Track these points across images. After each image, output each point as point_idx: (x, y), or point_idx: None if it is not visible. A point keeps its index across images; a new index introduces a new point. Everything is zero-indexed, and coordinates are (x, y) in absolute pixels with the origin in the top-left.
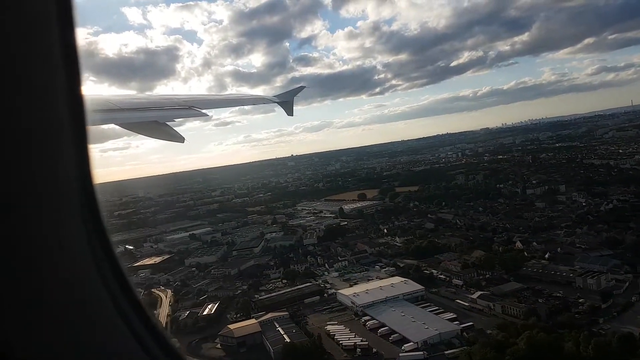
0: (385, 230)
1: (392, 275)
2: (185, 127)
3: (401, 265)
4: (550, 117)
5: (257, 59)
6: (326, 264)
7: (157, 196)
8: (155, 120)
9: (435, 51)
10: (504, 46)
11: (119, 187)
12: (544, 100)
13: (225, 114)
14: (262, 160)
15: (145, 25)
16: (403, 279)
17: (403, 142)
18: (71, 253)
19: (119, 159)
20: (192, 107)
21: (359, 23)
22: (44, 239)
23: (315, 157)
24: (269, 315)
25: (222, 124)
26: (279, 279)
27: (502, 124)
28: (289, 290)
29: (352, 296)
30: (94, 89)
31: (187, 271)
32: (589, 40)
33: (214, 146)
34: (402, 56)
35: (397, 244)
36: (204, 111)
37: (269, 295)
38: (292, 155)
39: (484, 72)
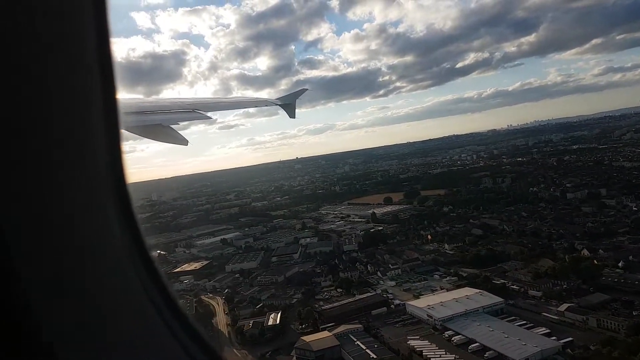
0: (429, 237)
1: (459, 286)
2: (190, 130)
3: (464, 274)
4: (557, 118)
5: (262, 63)
6: (378, 272)
7: (171, 200)
8: (159, 124)
9: (441, 53)
10: (510, 47)
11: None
12: (549, 101)
13: (229, 117)
14: (267, 163)
15: (154, 30)
16: (477, 290)
17: (409, 144)
18: (106, 250)
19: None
20: (196, 110)
21: (366, 25)
22: (81, 237)
23: (321, 159)
24: (342, 327)
25: (226, 127)
26: (331, 287)
27: (508, 125)
28: (352, 300)
29: (426, 309)
30: None
31: (230, 277)
32: (596, 41)
33: (217, 149)
34: (408, 58)
35: (448, 251)
36: (207, 114)
37: (332, 305)
38: (296, 157)
39: (489, 74)
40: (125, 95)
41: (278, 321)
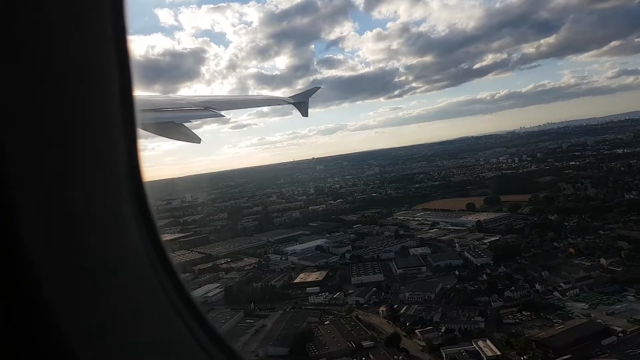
0: (571, 250)
1: None
2: (202, 129)
3: None
4: (570, 120)
5: (282, 62)
6: (555, 292)
7: (208, 200)
8: (172, 121)
9: (461, 53)
10: (529, 49)
11: (150, 190)
12: (560, 103)
13: (242, 116)
14: (281, 163)
15: (176, 27)
16: None
17: (428, 145)
18: (124, 249)
19: None
20: (209, 108)
21: (389, 24)
22: (98, 236)
23: (340, 160)
24: None
25: (239, 126)
26: (507, 309)
27: (521, 127)
28: (569, 327)
29: None
30: None
31: (367, 292)
32: (615, 43)
33: (228, 148)
34: (427, 58)
35: (609, 267)
36: (221, 112)
37: (548, 333)
38: (312, 158)
39: (505, 75)
40: (139, 93)
41: (497, 352)
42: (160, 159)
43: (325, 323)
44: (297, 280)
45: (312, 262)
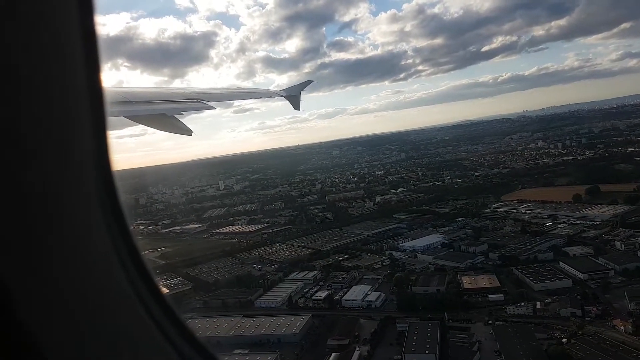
0: None
1: None
2: (205, 113)
3: None
4: (573, 104)
5: (292, 45)
6: None
7: (246, 188)
8: (164, 113)
9: (472, 35)
10: (539, 31)
11: (160, 174)
12: (560, 86)
13: (246, 99)
14: (291, 147)
15: (191, 9)
16: None
17: (440, 128)
18: (90, 243)
19: (131, 145)
20: (200, 101)
21: (405, 5)
22: (63, 229)
23: (349, 144)
24: None
25: (241, 110)
26: None
27: (524, 110)
28: None
29: None
30: (126, 76)
31: (571, 301)
32: (625, 25)
33: (227, 133)
34: (437, 41)
35: None
36: (211, 104)
37: None
38: (321, 142)
39: (511, 58)
40: (128, 82)
41: None
42: (160, 144)
43: (563, 340)
44: (468, 286)
45: (455, 262)
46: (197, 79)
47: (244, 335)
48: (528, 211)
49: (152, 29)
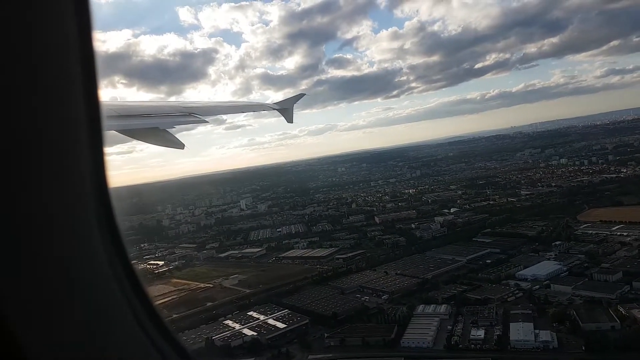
0: None
1: None
2: (196, 130)
3: None
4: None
5: (291, 62)
6: None
7: (273, 208)
8: (156, 127)
9: (467, 53)
10: (531, 48)
11: (158, 193)
12: (544, 102)
13: (239, 117)
14: (289, 162)
15: (194, 26)
16: None
17: (438, 144)
18: (86, 255)
19: (119, 162)
20: (193, 114)
21: (407, 23)
22: (58, 242)
23: (351, 160)
24: None
25: (233, 127)
26: None
27: (512, 127)
28: None
29: None
30: (122, 93)
31: None
32: (614, 43)
33: (216, 149)
34: (434, 58)
35: None
36: (204, 118)
37: None
38: (309, 158)
39: (501, 75)
40: (124, 98)
41: None
42: (147, 161)
43: None
44: None
45: (603, 293)
46: (194, 95)
47: None
48: (624, 233)
49: (152, 46)
